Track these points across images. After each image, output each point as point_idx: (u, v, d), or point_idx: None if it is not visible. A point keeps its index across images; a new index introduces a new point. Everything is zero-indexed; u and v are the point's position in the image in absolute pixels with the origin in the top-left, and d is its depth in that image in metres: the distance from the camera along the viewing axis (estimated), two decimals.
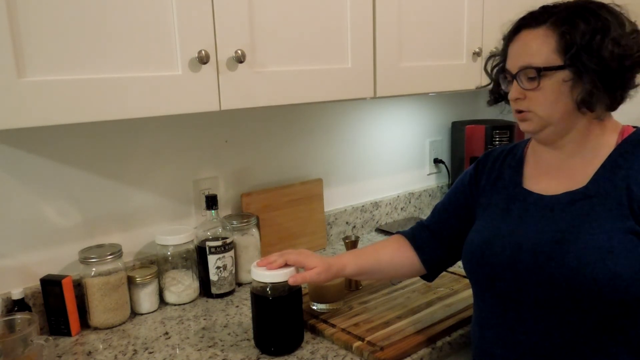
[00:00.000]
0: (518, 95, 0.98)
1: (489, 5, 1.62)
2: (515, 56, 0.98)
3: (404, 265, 1.20)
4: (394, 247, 1.21)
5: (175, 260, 1.39)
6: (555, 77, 0.94)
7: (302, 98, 1.28)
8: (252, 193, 1.58)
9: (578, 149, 0.99)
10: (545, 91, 0.95)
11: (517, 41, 0.99)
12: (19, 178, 1.25)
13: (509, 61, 1.01)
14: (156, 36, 1.05)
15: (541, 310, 0.96)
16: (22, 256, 1.27)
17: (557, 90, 0.94)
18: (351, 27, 1.33)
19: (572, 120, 0.97)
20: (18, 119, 0.93)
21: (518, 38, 0.99)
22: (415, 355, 1.13)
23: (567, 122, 0.97)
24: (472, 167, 1.17)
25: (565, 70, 0.93)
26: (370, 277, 1.25)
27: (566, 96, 0.94)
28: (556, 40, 0.93)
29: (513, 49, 1.00)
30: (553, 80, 0.94)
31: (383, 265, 1.19)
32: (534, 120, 0.98)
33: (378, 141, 1.93)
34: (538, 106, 0.96)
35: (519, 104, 0.99)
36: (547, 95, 0.95)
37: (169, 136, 1.46)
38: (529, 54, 0.96)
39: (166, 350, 1.17)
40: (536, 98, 0.96)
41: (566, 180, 0.99)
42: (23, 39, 0.91)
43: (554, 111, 0.96)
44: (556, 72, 0.94)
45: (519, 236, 0.99)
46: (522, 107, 0.98)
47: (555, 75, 0.94)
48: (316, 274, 1.10)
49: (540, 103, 0.96)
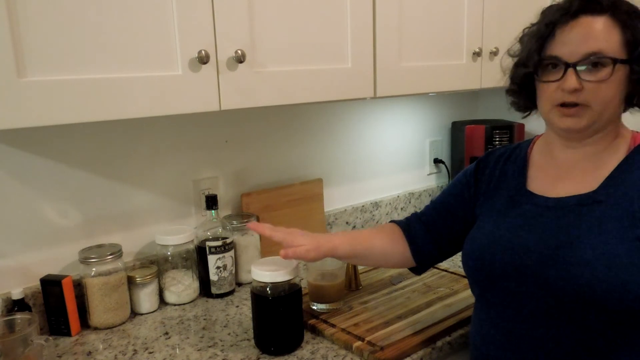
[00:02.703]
0: (577, 86, 0.89)
1: (489, 5, 1.62)
2: (577, 42, 0.90)
3: (394, 254, 1.17)
4: (388, 235, 1.18)
5: (175, 260, 1.39)
6: (621, 72, 0.89)
7: (302, 98, 1.28)
8: (252, 193, 1.58)
9: (599, 150, 0.96)
10: (610, 84, 0.89)
11: (578, 26, 0.90)
12: (19, 178, 1.25)
13: (561, 47, 0.91)
14: (156, 36, 1.05)
15: (541, 315, 0.94)
16: (22, 256, 1.27)
17: (620, 85, 0.90)
18: (351, 27, 1.33)
19: (613, 118, 0.94)
20: (18, 119, 0.93)
21: (578, 23, 0.90)
22: (415, 355, 1.13)
23: (610, 119, 0.93)
24: (472, 166, 1.15)
25: (626, 66, 0.89)
26: (359, 262, 1.22)
27: (621, 93, 0.91)
28: (620, 32, 0.89)
29: (571, 34, 0.91)
30: (619, 74, 0.89)
31: (375, 252, 1.17)
32: (587, 115, 0.91)
33: (378, 141, 1.93)
34: (597, 100, 0.90)
35: (572, 97, 0.90)
36: (611, 89, 0.89)
37: (169, 136, 1.46)
38: (598, 40, 0.88)
39: (166, 350, 1.17)
40: (597, 91, 0.89)
41: (576, 182, 0.97)
42: (23, 39, 0.91)
43: (609, 107, 0.91)
44: (622, 66, 0.89)
45: (522, 239, 0.97)
46: (580, 100, 0.90)
47: (621, 69, 0.89)
48: (305, 250, 1.06)
49: (600, 96, 0.89)
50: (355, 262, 1.31)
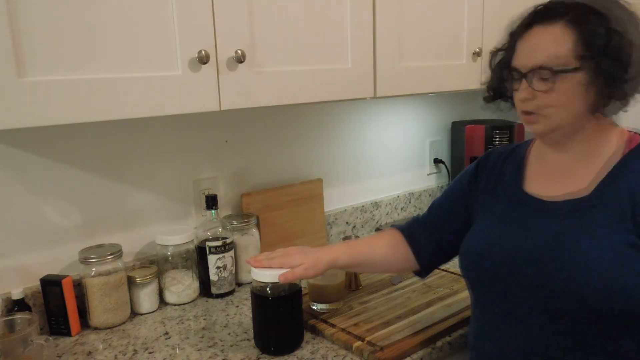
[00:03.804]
0: (527, 96, 0.92)
1: (489, 5, 1.62)
2: (527, 54, 0.93)
3: (397, 260, 1.18)
4: (389, 241, 1.19)
5: (175, 260, 1.39)
6: (570, 79, 0.89)
7: (302, 98, 1.28)
8: (252, 193, 1.58)
9: (585, 152, 0.96)
10: (558, 93, 0.90)
11: (529, 38, 0.93)
12: (19, 178, 1.25)
13: (517, 59, 0.95)
14: (156, 36, 1.05)
15: (538, 315, 0.94)
16: (22, 256, 1.27)
17: (572, 93, 0.90)
18: (351, 27, 1.33)
19: (583, 122, 0.94)
20: (18, 119, 0.93)
21: (530, 35, 0.93)
22: (415, 355, 1.13)
23: (577, 124, 0.93)
24: (472, 167, 1.16)
25: (581, 72, 0.89)
26: (362, 270, 1.24)
27: (580, 99, 0.90)
28: (573, 40, 0.88)
29: (524, 46, 0.94)
30: (568, 82, 0.89)
31: (376, 259, 1.17)
32: (543, 122, 0.93)
33: (378, 141, 1.93)
34: (549, 108, 0.92)
35: (527, 105, 0.94)
36: (560, 98, 0.90)
37: (169, 136, 1.46)
38: (543, 53, 0.90)
39: (166, 350, 1.17)
40: (548, 99, 0.91)
41: (569, 184, 0.97)
42: (23, 39, 0.91)
43: (566, 114, 0.92)
44: (572, 74, 0.89)
45: (518, 240, 0.97)
46: (531, 108, 0.93)
47: (571, 77, 0.89)
48: (304, 269, 1.06)
49: (551, 105, 0.91)
50: (357, 270, 1.31)
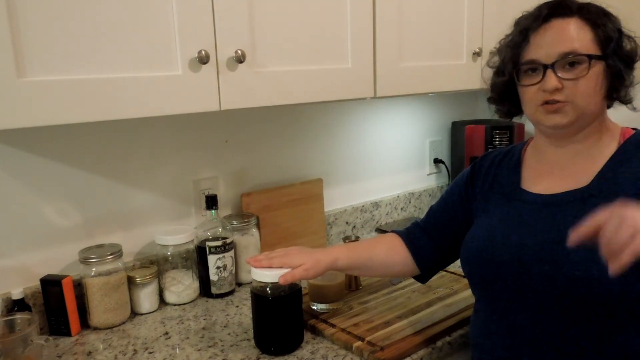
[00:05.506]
0: (558, 85, 0.93)
1: (489, 5, 1.62)
2: (550, 45, 0.95)
3: (396, 264, 1.18)
4: (389, 245, 1.19)
5: (175, 260, 1.39)
6: (597, 67, 0.94)
7: (302, 98, 1.28)
8: (252, 193, 1.58)
9: (588, 145, 0.99)
10: (589, 80, 0.93)
11: (550, 29, 0.95)
12: (19, 178, 1.25)
13: (536, 52, 0.96)
14: (156, 36, 1.05)
15: (542, 311, 0.95)
16: (22, 256, 1.27)
17: (598, 80, 0.94)
18: (351, 27, 1.33)
19: (598, 113, 0.97)
20: (18, 119, 0.93)
21: (550, 26, 0.96)
22: (415, 355, 1.13)
23: (595, 114, 0.97)
24: (468, 170, 1.17)
25: (602, 61, 0.94)
26: (361, 273, 1.24)
27: (601, 87, 0.95)
28: (590, 31, 0.94)
29: (543, 38, 0.96)
30: (596, 70, 0.94)
31: (376, 263, 1.18)
32: (570, 112, 0.95)
33: (378, 141, 1.93)
34: (578, 96, 0.94)
35: (556, 95, 0.94)
36: (590, 85, 0.94)
37: (169, 136, 1.46)
38: (570, 40, 0.93)
39: (166, 350, 1.17)
40: (576, 88, 0.93)
41: (569, 179, 0.98)
42: (23, 39, 0.91)
43: (592, 101, 0.95)
44: (598, 62, 0.94)
45: (519, 237, 0.98)
46: (561, 98, 0.94)
47: (597, 65, 0.94)
48: (304, 270, 1.06)
49: (580, 93, 0.94)
50: (356, 273, 1.31)
